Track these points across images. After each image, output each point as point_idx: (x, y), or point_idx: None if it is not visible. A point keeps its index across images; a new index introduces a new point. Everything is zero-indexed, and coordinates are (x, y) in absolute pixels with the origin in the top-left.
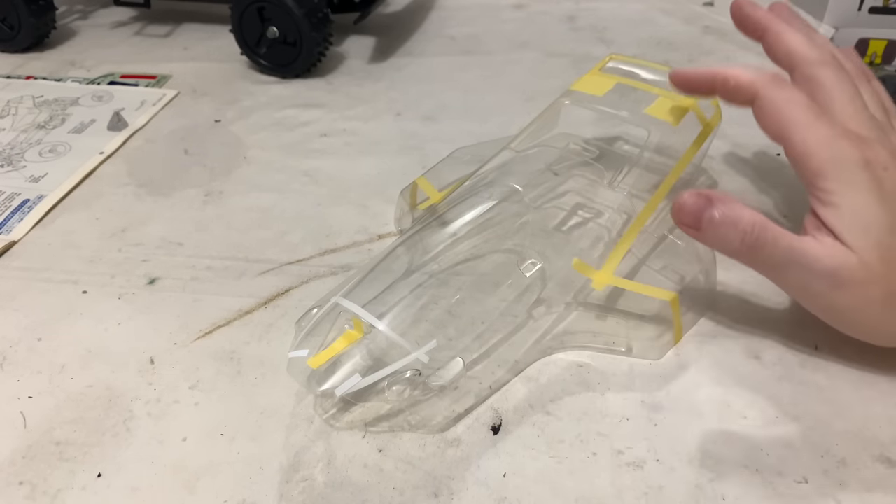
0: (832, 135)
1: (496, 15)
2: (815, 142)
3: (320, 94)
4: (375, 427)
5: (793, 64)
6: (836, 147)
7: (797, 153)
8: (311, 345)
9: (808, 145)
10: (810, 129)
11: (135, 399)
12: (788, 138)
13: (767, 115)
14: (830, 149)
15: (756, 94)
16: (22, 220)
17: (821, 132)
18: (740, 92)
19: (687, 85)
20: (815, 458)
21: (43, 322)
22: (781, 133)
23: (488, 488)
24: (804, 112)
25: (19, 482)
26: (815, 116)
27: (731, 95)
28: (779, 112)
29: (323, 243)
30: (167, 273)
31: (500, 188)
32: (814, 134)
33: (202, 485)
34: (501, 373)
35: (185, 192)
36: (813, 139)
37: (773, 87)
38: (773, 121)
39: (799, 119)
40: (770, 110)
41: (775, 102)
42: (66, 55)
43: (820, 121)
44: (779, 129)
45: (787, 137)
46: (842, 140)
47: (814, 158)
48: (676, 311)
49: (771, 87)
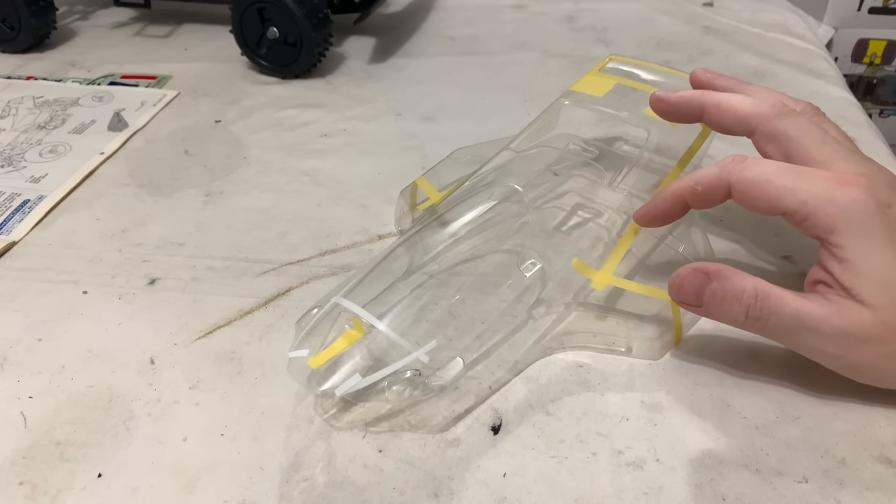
0: (827, 185)
1: (496, 15)
2: (814, 201)
3: (320, 94)
4: (375, 427)
5: (749, 127)
6: (837, 196)
7: (801, 218)
8: (311, 345)
9: (809, 207)
10: (802, 190)
11: (135, 399)
12: (785, 209)
13: (751, 199)
14: (832, 201)
15: (729, 184)
16: (22, 220)
17: (815, 187)
18: (714, 189)
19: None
20: (815, 458)
21: (43, 322)
22: (776, 207)
23: (488, 488)
24: (786, 177)
25: (19, 482)
26: (799, 175)
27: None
28: (760, 190)
29: (323, 244)
30: (167, 273)
31: (500, 188)
32: (808, 193)
33: (202, 485)
34: (501, 373)
35: (185, 192)
36: (811, 199)
37: (740, 170)
38: (760, 201)
39: (785, 185)
40: (751, 192)
41: (751, 182)
42: (67, 56)
43: (806, 177)
44: (770, 205)
45: (783, 209)
46: (840, 187)
47: (821, 217)
48: (676, 311)
49: (737, 170)
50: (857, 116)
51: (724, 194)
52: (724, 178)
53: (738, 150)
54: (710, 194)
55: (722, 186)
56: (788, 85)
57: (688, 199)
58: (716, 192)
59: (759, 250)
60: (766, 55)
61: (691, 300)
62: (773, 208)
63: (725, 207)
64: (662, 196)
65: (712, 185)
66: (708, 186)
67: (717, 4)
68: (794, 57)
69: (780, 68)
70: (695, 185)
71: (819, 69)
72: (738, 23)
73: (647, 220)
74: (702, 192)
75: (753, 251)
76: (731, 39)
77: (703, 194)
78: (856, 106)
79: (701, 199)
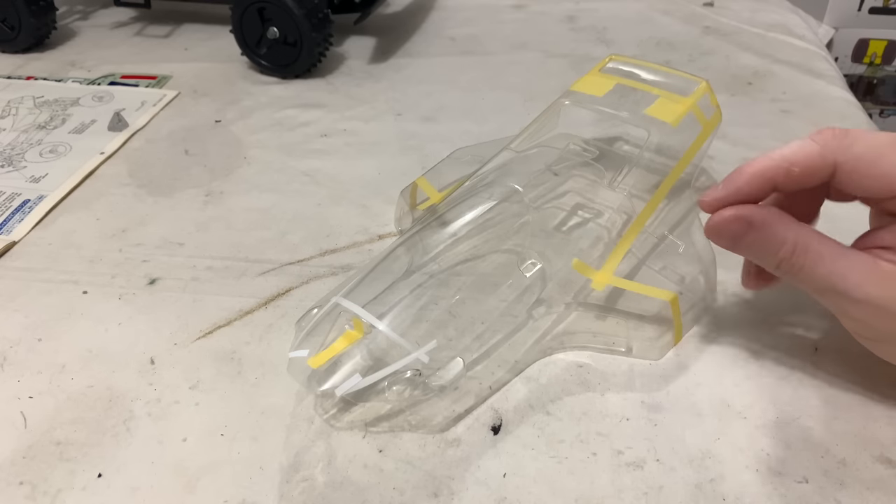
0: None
1: (496, 15)
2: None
3: (320, 94)
4: (375, 427)
5: (826, 159)
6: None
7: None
8: (311, 345)
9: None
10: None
11: (135, 399)
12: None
13: (863, 178)
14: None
15: (835, 163)
16: (22, 220)
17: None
18: (815, 170)
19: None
20: (815, 458)
21: (43, 322)
22: (894, 186)
23: (488, 488)
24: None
25: (19, 482)
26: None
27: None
28: (875, 167)
29: (323, 243)
30: (167, 273)
31: (500, 188)
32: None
33: (202, 485)
34: (501, 373)
35: (185, 192)
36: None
37: (847, 146)
38: (875, 180)
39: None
40: (864, 170)
41: (862, 159)
42: (67, 55)
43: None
44: (888, 183)
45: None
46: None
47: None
48: (676, 311)
49: (844, 146)
50: (857, 116)
51: (827, 174)
52: (828, 157)
53: (738, 151)
54: (809, 176)
55: (826, 166)
56: (788, 85)
57: (780, 181)
58: (816, 173)
59: None
60: (767, 55)
61: (727, 245)
62: (887, 184)
63: None
64: (741, 178)
65: (814, 165)
66: (808, 167)
67: (717, 4)
68: (794, 57)
69: (780, 68)
70: (790, 165)
71: (819, 69)
72: (739, 23)
73: (720, 206)
74: (799, 175)
75: None
76: (731, 39)
77: (801, 177)
78: (856, 106)
79: (796, 182)
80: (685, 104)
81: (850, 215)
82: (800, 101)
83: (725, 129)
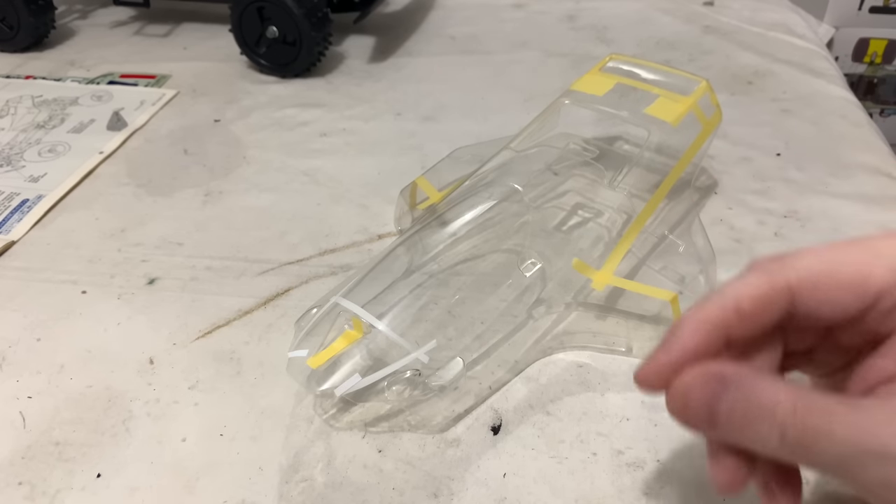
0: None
1: (496, 14)
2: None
3: (320, 93)
4: (375, 427)
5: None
6: None
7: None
8: (310, 345)
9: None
10: (884, 255)
11: (134, 399)
12: (879, 284)
13: (827, 293)
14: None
15: (788, 287)
16: (21, 219)
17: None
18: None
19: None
20: None
21: (42, 322)
22: (864, 288)
23: (488, 488)
24: (853, 249)
25: (18, 482)
26: (865, 241)
27: None
28: (836, 276)
29: (322, 243)
30: (167, 273)
31: (500, 188)
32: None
33: (202, 485)
34: (501, 373)
35: (184, 191)
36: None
37: (791, 263)
38: (841, 292)
39: (860, 260)
40: (826, 283)
41: (815, 271)
42: (66, 55)
43: (876, 241)
44: (854, 290)
45: (877, 286)
46: None
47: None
48: (677, 312)
49: (787, 265)
50: (857, 116)
51: (784, 304)
52: (778, 282)
53: (738, 151)
54: (764, 311)
55: (778, 294)
56: (789, 84)
57: (732, 326)
58: (771, 305)
59: (760, 249)
60: (767, 54)
61: (702, 418)
62: (860, 292)
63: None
64: (685, 333)
65: (765, 295)
66: (759, 300)
67: (717, 3)
68: (794, 56)
69: (780, 67)
70: (737, 302)
71: (819, 68)
72: (739, 22)
73: (667, 376)
74: (752, 311)
75: (754, 250)
76: (731, 39)
77: (754, 314)
78: (856, 105)
79: (751, 322)
80: (685, 103)
81: (852, 215)
82: (800, 101)
83: (725, 129)
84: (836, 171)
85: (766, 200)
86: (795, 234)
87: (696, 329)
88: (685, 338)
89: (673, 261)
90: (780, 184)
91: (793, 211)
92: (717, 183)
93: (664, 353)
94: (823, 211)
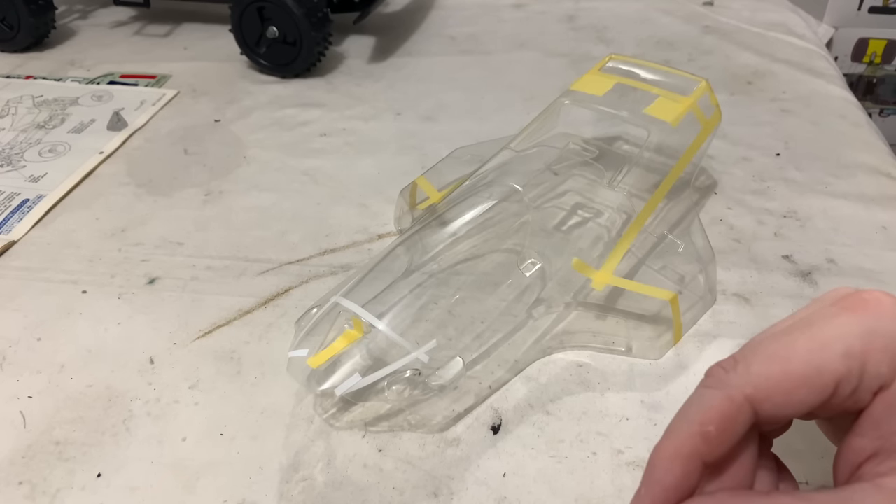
0: (855, 317)
1: (496, 14)
2: (857, 342)
3: (320, 93)
4: (375, 427)
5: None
6: (879, 323)
7: (856, 375)
8: (310, 344)
9: (855, 352)
10: (833, 338)
11: (134, 399)
12: (833, 373)
13: (787, 393)
14: (875, 331)
15: (746, 398)
16: (21, 219)
17: (844, 327)
18: (732, 419)
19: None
20: (815, 458)
21: (42, 322)
22: (822, 378)
23: (488, 488)
24: (798, 339)
25: (19, 482)
26: (809, 326)
27: None
28: (790, 375)
29: (322, 243)
30: (167, 273)
31: (499, 188)
32: (842, 337)
33: (202, 485)
34: (501, 372)
35: (184, 191)
36: (854, 342)
37: (744, 372)
38: (800, 390)
39: (809, 348)
40: (783, 385)
41: (771, 375)
42: (66, 55)
43: (819, 323)
44: (813, 383)
45: (831, 375)
46: (871, 308)
47: (879, 355)
48: (676, 311)
49: (742, 374)
50: (856, 116)
51: (747, 417)
52: (736, 397)
53: (738, 151)
54: (729, 430)
55: (739, 408)
56: (788, 84)
57: (703, 451)
58: (735, 422)
59: (760, 249)
60: (766, 54)
61: None
62: (818, 386)
63: (723, 212)
64: (659, 471)
65: (726, 413)
66: (722, 419)
67: (716, 3)
68: (793, 56)
69: (779, 67)
70: (701, 427)
71: (819, 68)
72: (738, 22)
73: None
74: (718, 433)
75: (754, 250)
76: (730, 39)
77: (721, 434)
78: (856, 105)
79: (719, 442)
80: (685, 103)
81: (852, 215)
82: (799, 101)
83: (725, 129)
84: (835, 170)
85: (765, 200)
86: (795, 233)
87: (670, 466)
88: (663, 477)
89: (672, 260)
90: (779, 184)
91: (792, 211)
92: (717, 183)
93: (647, 496)
94: (823, 211)
